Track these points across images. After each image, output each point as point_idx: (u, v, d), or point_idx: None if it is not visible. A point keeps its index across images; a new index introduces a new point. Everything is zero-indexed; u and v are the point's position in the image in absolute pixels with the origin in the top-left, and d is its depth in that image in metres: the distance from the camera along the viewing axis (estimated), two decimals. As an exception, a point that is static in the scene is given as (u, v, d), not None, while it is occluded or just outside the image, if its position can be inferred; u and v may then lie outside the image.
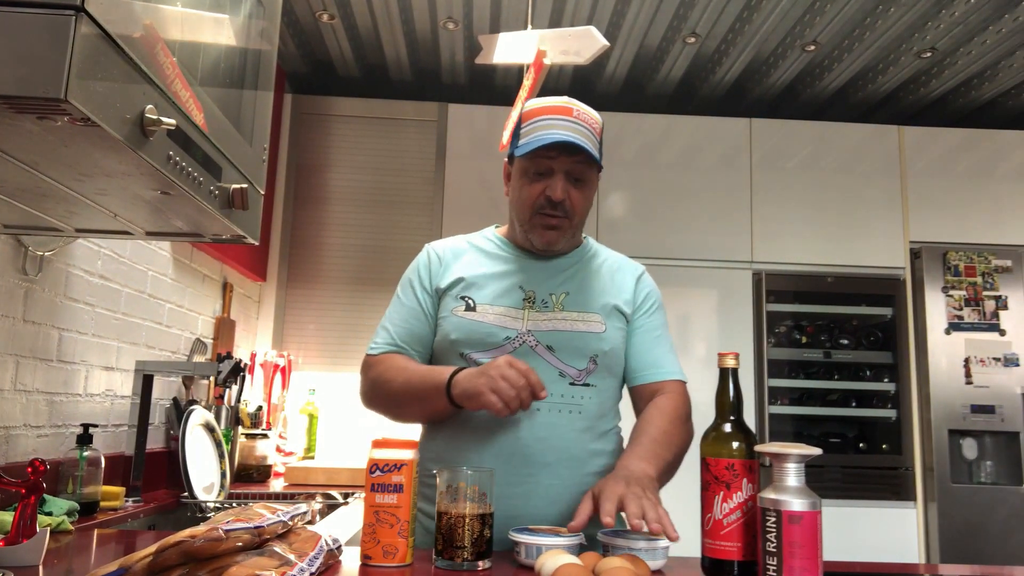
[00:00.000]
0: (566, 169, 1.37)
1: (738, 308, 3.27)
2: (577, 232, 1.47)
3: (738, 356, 1.11)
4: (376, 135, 3.43)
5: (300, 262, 3.34)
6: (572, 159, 1.36)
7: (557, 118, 1.36)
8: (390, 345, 1.44)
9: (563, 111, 1.37)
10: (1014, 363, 3.18)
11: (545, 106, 1.39)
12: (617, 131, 3.40)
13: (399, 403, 1.40)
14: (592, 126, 1.39)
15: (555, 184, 1.36)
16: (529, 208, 1.40)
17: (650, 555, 1.10)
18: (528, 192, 1.40)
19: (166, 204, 1.20)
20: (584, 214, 1.44)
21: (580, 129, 1.36)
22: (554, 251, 1.45)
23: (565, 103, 1.39)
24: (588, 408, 1.37)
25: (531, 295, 1.40)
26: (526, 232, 1.43)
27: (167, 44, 1.03)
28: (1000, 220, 3.37)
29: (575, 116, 1.37)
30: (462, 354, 1.37)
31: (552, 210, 1.38)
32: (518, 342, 1.36)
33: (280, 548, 0.97)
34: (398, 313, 1.46)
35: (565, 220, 1.40)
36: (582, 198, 1.40)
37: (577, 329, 1.37)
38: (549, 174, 1.38)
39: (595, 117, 1.41)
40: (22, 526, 1.11)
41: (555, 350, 1.36)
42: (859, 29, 2.96)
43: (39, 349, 1.70)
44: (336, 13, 2.97)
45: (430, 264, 1.47)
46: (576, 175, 1.38)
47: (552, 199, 1.36)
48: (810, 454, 0.97)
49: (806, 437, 3.29)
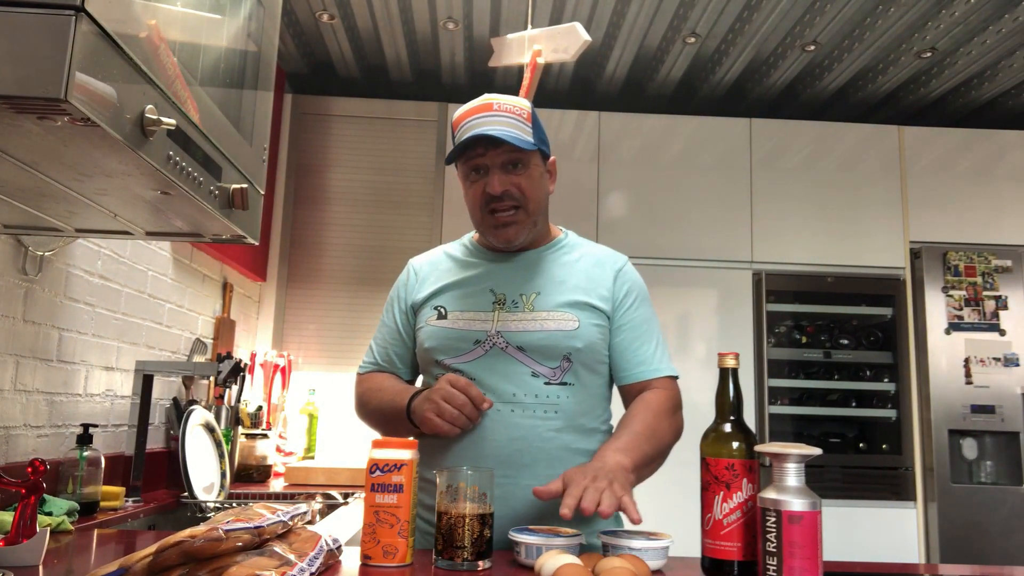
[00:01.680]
0: (500, 162, 1.37)
1: (738, 308, 3.27)
2: (540, 222, 1.45)
3: (738, 356, 1.11)
4: (376, 135, 3.43)
5: (300, 262, 3.34)
6: (499, 150, 1.36)
7: (477, 117, 1.37)
8: (373, 365, 1.54)
9: (483, 108, 1.38)
10: (1014, 363, 3.18)
11: (466, 109, 1.39)
12: (617, 131, 3.40)
13: (378, 423, 1.47)
14: (515, 113, 1.38)
15: (491, 179, 1.37)
16: (477, 209, 1.41)
17: (650, 555, 1.10)
18: (471, 194, 1.42)
19: (166, 204, 1.20)
20: (538, 200, 1.42)
21: (500, 119, 1.36)
22: (517, 246, 1.44)
23: (484, 100, 1.39)
24: (567, 407, 1.36)
25: (501, 297, 1.40)
26: (484, 234, 1.45)
27: (167, 44, 1.03)
28: (1000, 220, 3.37)
29: (495, 109, 1.37)
30: (438, 361, 1.39)
31: (498, 204, 1.38)
32: (488, 345, 1.36)
33: (280, 548, 0.97)
34: (381, 333, 1.54)
35: (519, 211, 1.39)
36: (528, 183, 1.39)
37: (547, 328, 1.36)
38: (484, 171, 1.39)
39: (519, 104, 1.40)
40: (22, 526, 1.11)
41: (526, 350, 1.36)
42: (859, 29, 2.96)
43: (39, 349, 1.70)
44: (336, 13, 2.97)
45: (407, 282, 1.52)
46: (511, 163, 1.38)
47: (491, 194, 1.37)
48: (810, 454, 0.97)
49: (806, 437, 3.29)
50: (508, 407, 1.33)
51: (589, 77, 3.52)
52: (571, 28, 2.19)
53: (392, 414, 1.40)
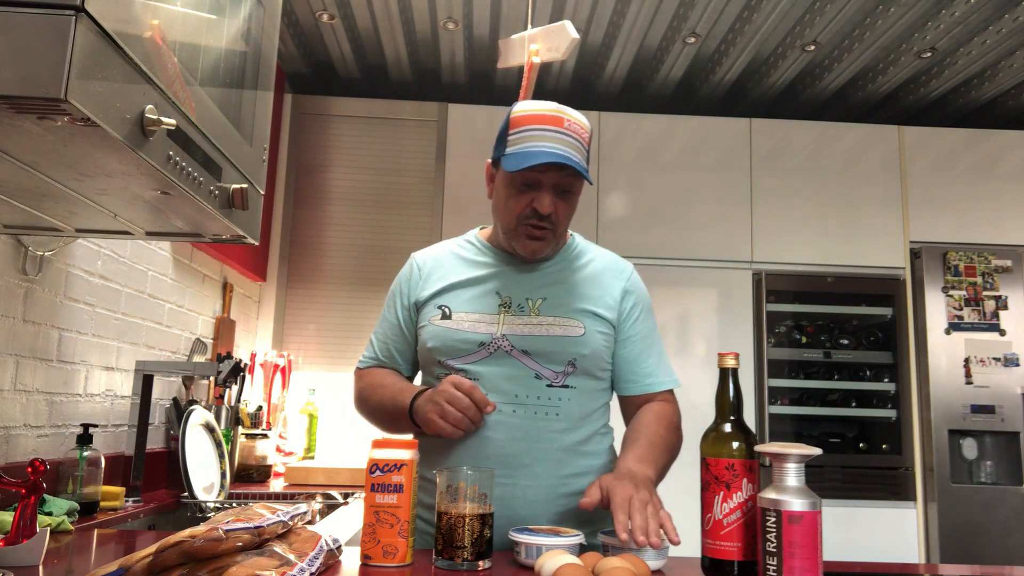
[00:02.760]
0: (554, 182, 1.35)
1: (738, 308, 3.27)
2: (560, 239, 1.45)
3: (738, 356, 1.11)
4: (376, 135, 3.43)
5: (300, 262, 3.34)
6: (561, 173, 1.33)
7: (547, 129, 1.32)
8: (374, 360, 1.52)
9: (554, 121, 1.33)
10: (1014, 363, 3.18)
11: (535, 114, 1.34)
12: (617, 131, 3.40)
13: (379, 420, 1.47)
14: (581, 136, 1.35)
15: (543, 198, 1.34)
16: (515, 219, 1.38)
17: (650, 555, 1.10)
18: (514, 203, 1.37)
19: (166, 204, 1.20)
20: (567, 223, 1.43)
21: (570, 141, 1.33)
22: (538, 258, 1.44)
23: (556, 112, 1.34)
24: (568, 410, 1.36)
25: (507, 300, 1.39)
26: (510, 240, 1.42)
27: (168, 44, 1.03)
28: (1000, 220, 3.37)
29: (566, 127, 1.33)
30: (440, 362, 1.39)
31: (539, 222, 1.36)
32: (493, 347, 1.36)
33: (280, 548, 0.97)
34: (382, 328, 1.52)
35: (550, 232, 1.39)
36: (567, 209, 1.39)
37: (554, 334, 1.36)
38: (537, 186, 1.35)
39: (584, 125, 1.38)
40: (22, 526, 1.11)
41: (531, 354, 1.35)
42: (859, 29, 2.96)
43: (39, 349, 1.70)
44: (336, 13, 2.97)
45: (410, 278, 1.49)
46: (564, 187, 1.36)
47: (540, 212, 1.34)
48: (810, 454, 0.97)
49: (806, 437, 3.29)
50: (510, 407, 1.33)
51: (589, 77, 3.52)
52: (560, 26, 2.22)
53: (394, 412, 1.40)
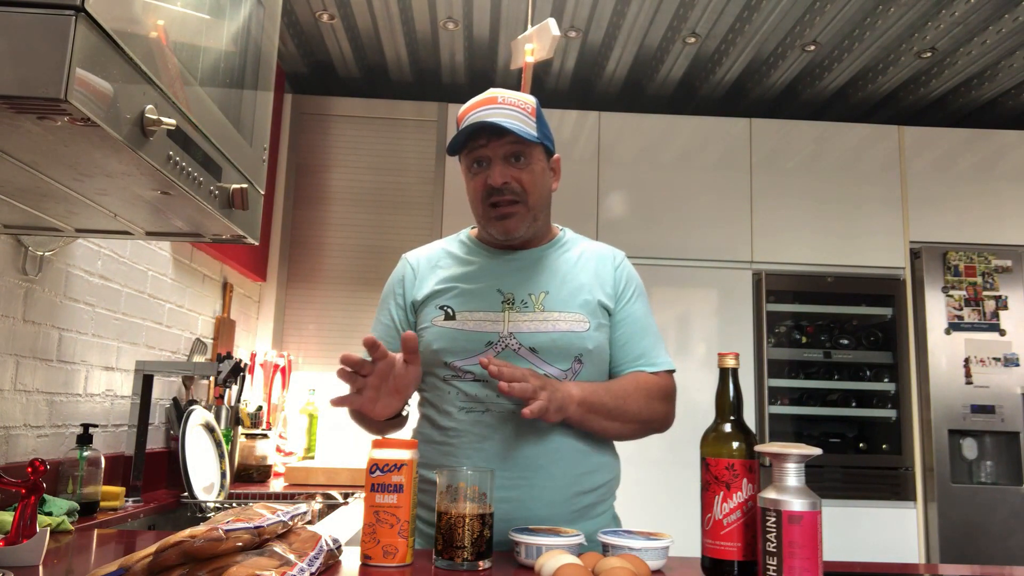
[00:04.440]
0: (502, 153, 1.37)
1: (738, 308, 3.27)
2: (541, 217, 1.44)
3: (738, 356, 1.11)
4: (376, 135, 3.43)
5: (300, 262, 3.34)
6: (503, 141, 1.36)
7: (482, 109, 1.37)
8: None
9: (487, 101, 1.38)
10: (1014, 363, 3.18)
11: (471, 103, 1.40)
12: (617, 131, 3.40)
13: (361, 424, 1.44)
14: (519, 107, 1.38)
15: (492, 171, 1.37)
16: (479, 202, 1.40)
17: (650, 555, 1.11)
18: (473, 186, 1.41)
19: (166, 204, 1.20)
20: (539, 194, 1.41)
21: (504, 111, 1.36)
22: (517, 239, 1.42)
23: (489, 94, 1.39)
24: None
25: (510, 297, 1.39)
26: (484, 226, 1.43)
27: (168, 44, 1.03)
28: (1000, 220, 3.37)
29: (500, 102, 1.37)
30: (446, 363, 1.38)
31: (499, 196, 1.37)
32: (500, 346, 1.35)
33: (280, 548, 0.97)
34: (376, 331, 1.49)
35: (519, 205, 1.38)
36: (529, 177, 1.39)
37: (559, 329, 1.36)
38: (488, 163, 1.38)
39: (524, 99, 1.40)
40: (22, 526, 1.11)
41: (538, 352, 1.35)
42: (859, 29, 2.96)
43: (39, 349, 1.70)
44: (336, 13, 2.97)
45: (404, 279, 1.48)
46: (514, 154, 1.38)
47: (492, 185, 1.36)
48: (810, 454, 0.97)
49: (806, 437, 3.29)
50: (517, 405, 1.33)
51: (589, 77, 3.52)
52: (544, 25, 2.24)
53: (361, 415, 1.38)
